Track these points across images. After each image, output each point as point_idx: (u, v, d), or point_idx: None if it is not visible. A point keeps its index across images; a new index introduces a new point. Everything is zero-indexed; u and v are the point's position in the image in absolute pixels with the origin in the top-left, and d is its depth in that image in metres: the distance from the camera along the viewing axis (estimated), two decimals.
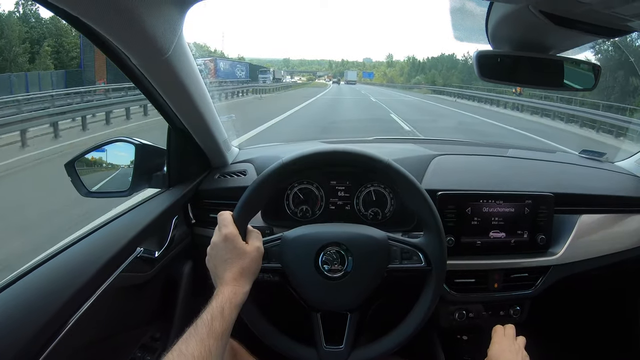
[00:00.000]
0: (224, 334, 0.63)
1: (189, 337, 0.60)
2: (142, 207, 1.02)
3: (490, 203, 1.04)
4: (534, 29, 0.84)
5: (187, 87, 0.87)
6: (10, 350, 0.60)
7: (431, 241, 0.82)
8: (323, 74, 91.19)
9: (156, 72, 0.79)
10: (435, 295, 0.82)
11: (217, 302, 0.66)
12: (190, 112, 0.96)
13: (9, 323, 0.62)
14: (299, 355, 0.82)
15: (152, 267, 0.96)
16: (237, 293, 0.69)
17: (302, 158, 0.83)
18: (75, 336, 0.69)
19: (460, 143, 1.41)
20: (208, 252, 0.77)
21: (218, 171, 1.19)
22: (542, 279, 1.06)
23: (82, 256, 0.80)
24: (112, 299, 0.83)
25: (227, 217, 0.77)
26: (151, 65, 0.76)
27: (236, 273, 0.72)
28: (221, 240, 0.74)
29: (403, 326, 0.82)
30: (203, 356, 0.58)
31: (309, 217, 1.12)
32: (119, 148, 1.08)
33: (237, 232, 0.75)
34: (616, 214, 1.12)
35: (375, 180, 1.10)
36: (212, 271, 0.76)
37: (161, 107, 0.93)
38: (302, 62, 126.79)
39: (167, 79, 0.82)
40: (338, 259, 0.80)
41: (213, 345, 0.60)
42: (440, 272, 0.82)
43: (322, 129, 10.07)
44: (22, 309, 0.65)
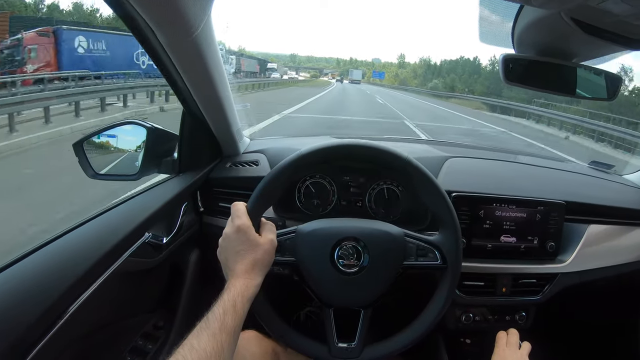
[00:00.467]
0: (236, 329, 0.62)
1: (201, 332, 0.59)
2: (152, 191, 1.00)
3: (503, 207, 1.04)
4: (562, 35, 0.83)
5: (209, 70, 0.85)
6: (13, 330, 0.58)
7: (447, 239, 0.82)
8: (330, 72, 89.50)
9: (180, 51, 0.77)
10: (449, 293, 0.81)
11: (228, 295, 0.65)
12: (209, 96, 0.94)
13: (14, 302, 0.61)
14: (310, 351, 0.81)
15: (159, 253, 0.94)
16: (249, 286, 0.68)
17: (320, 150, 0.82)
18: (78, 320, 0.68)
19: (471, 147, 1.41)
20: (220, 244, 0.75)
21: (229, 160, 1.17)
22: (549, 285, 1.06)
23: (90, 237, 0.79)
24: (118, 284, 0.81)
25: (240, 208, 0.75)
26: (177, 43, 0.74)
27: (248, 265, 0.70)
28: (234, 231, 0.72)
29: (416, 324, 0.82)
30: (216, 351, 0.56)
31: (320, 211, 1.11)
32: (130, 131, 1.05)
33: (250, 224, 0.73)
34: (623, 225, 1.13)
35: (389, 178, 1.09)
36: (223, 263, 0.74)
37: (179, 89, 0.91)
38: (309, 59, 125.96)
39: (190, 59, 0.80)
40: (354, 254, 0.79)
41: (225, 341, 0.59)
42: (456, 270, 0.82)
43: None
44: (28, 289, 0.63)
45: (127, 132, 1.06)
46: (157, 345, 0.99)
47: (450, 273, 0.81)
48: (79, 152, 1.01)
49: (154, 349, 0.98)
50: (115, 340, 0.92)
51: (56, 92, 8.71)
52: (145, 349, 0.97)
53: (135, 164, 1.04)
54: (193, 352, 0.55)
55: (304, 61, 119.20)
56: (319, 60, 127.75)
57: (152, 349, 0.98)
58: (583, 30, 0.77)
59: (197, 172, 1.09)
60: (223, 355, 0.57)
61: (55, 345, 0.64)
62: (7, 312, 0.59)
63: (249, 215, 0.75)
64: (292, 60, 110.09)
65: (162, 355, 0.97)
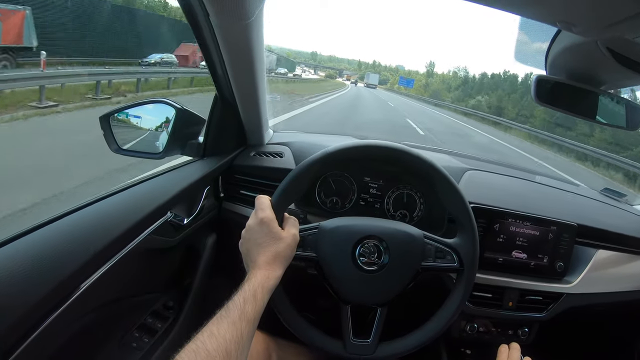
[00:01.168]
0: (255, 318, 0.63)
1: (221, 319, 0.59)
2: (176, 172, 1.01)
3: (518, 223, 1.05)
4: (595, 63, 0.86)
5: (253, 58, 0.86)
6: (29, 299, 0.58)
7: (465, 242, 0.83)
8: (350, 73, 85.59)
9: (230, 36, 0.78)
10: (464, 296, 0.83)
11: (249, 285, 0.66)
12: (246, 84, 0.95)
13: (35, 268, 0.61)
14: (325, 346, 0.82)
15: (179, 233, 0.95)
16: (269, 277, 0.69)
17: (347, 149, 0.83)
18: (93, 293, 0.68)
19: (489, 161, 1.43)
20: (242, 235, 0.76)
21: (254, 149, 1.18)
22: (554, 304, 1.08)
23: (114, 211, 0.79)
24: (135, 261, 0.82)
25: (264, 201, 0.76)
26: (229, 27, 0.75)
27: (270, 257, 0.71)
28: (257, 223, 0.73)
29: (431, 324, 0.83)
30: (235, 339, 0.57)
31: (338, 209, 1.12)
32: (158, 110, 1.06)
33: (274, 217, 0.74)
34: (631, 254, 1.14)
35: (409, 183, 1.11)
36: (244, 254, 0.75)
37: (217, 73, 0.92)
38: (331, 58, 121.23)
39: (238, 45, 0.81)
40: (375, 252, 0.81)
41: (245, 329, 0.59)
42: (472, 273, 0.83)
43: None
44: (47, 259, 0.63)
45: (155, 110, 1.06)
46: (166, 324, 0.99)
47: (466, 276, 0.83)
48: (104, 126, 1.01)
49: (162, 328, 0.98)
50: (124, 316, 0.93)
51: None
52: (154, 328, 0.98)
53: (160, 143, 1.04)
54: (212, 339, 0.55)
55: (326, 60, 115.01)
56: (341, 60, 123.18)
57: (161, 328, 0.98)
58: (616, 60, 0.80)
59: (222, 158, 1.10)
60: (242, 343, 0.58)
61: (67, 317, 0.64)
62: (23, 279, 0.59)
63: (273, 208, 0.76)
64: (313, 58, 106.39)
65: (170, 335, 0.98)
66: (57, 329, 0.63)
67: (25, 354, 0.57)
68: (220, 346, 0.55)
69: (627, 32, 0.61)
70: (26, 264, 0.60)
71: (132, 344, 0.93)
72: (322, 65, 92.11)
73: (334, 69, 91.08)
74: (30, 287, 0.59)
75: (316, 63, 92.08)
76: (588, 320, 1.31)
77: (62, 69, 8.10)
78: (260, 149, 1.18)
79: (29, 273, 0.59)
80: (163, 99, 1.06)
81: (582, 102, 0.99)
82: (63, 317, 0.63)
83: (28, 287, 0.58)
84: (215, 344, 0.55)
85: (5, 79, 6.26)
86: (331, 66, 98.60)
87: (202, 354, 0.53)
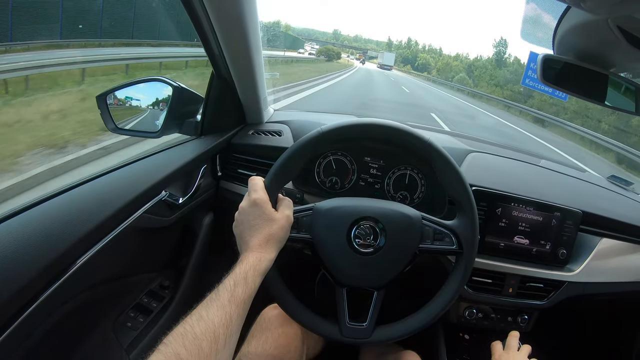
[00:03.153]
0: (245, 301, 0.62)
1: (210, 303, 0.58)
2: (172, 150, 1.00)
3: (521, 208, 1.03)
4: (605, 43, 0.82)
5: (247, 34, 0.84)
6: (22, 275, 0.58)
7: (464, 224, 0.81)
8: (375, 55, 75.81)
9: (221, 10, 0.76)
10: (463, 279, 0.81)
11: (240, 268, 0.64)
12: (241, 61, 0.93)
13: (25, 247, 0.60)
14: (320, 329, 0.81)
15: (174, 213, 0.94)
16: (262, 260, 0.67)
17: (341, 128, 0.81)
18: (87, 272, 0.68)
19: (493, 144, 1.39)
20: (235, 218, 0.74)
21: (252, 127, 1.16)
22: (555, 292, 1.06)
23: (108, 189, 0.78)
24: (129, 240, 0.81)
25: (257, 183, 0.75)
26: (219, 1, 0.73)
27: (262, 239, 0.70)
28: (250, 205, 0.72)
29: (427, 309, 0.82)
30: (224, 322, 0.56)
31: (337, 189, 1.10)
32: (155, 88, 1.04)
33: (267, 198, 0.73)
34: (635, 244, 1.12)
35: (410, 164, 1.08)
36: (238, 237, 0.74)
37: (212, 51, 0.91)
38: (356, 39, 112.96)
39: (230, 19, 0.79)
40: (371, 234, 0.79)
41: (234, 312, 0.58)
42: (470, 256, 0.81)
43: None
44: (42, 235, 0.63)
45: (152, 89, 1.04)
46: (162, 304, 0.99)
47: (464, 259, 0.81)
48: (101, 105, 1.00)
49: (157, 308, 0.98)
50: (120, 296, 0.93)
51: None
52: (149, 307, 0.98)
53: (156, 122, 1.03)
54: (201, 322, 0.55)
55: (350, 40, 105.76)
56: (367, 41, 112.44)
57: (156, 308, 0.98)
58: (628, 40, 0.76)
59: (219, 136, 1.08)
60: (231, 326, 0.57)
61: (61, 295, 0.64)
62: (17, 257, 0.59)
63: (266, 190, 0.74)
64: (335, 38, 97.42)
65: (165, 314, 0.98)
66: (51, 307, 0.63)
67: (17, 331, 0.57)
68: (208, 329, 0.54)
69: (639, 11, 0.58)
70: (19, 241, 0.60)
71: (127, 323, 0.93)
72: (347, 45, 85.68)
73: (357, 49, 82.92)
74: (23, 264, 0.58)
75: (340, 42, 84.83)
76: (588, 309, 1.29)
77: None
78: (259, 128, 1.16)
79: (22, 251, 0.59)
80: (160, 77, 1.04)
81: (590, 84, 0.95)
82: (56, 295, 0.63)
83: (21, 265, 0.58)
84: (203, 327, 0.54)
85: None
86: (357, 46, 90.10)
87: (190, 337, 0.52)
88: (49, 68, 5.86)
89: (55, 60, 6.24)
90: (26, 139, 3.53)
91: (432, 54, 72.97)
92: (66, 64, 6.41)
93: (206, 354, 0.52)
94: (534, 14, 0.92)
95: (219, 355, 0.54)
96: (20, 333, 0.58)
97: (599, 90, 0.96)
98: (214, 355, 0.53)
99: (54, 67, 6.01)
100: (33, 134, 3.66)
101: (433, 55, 72.08)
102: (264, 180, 0.76)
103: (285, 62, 22.11)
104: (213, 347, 0.53)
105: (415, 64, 69.62)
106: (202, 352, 0.51)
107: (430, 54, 72.97)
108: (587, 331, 1.43)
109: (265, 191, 0.74)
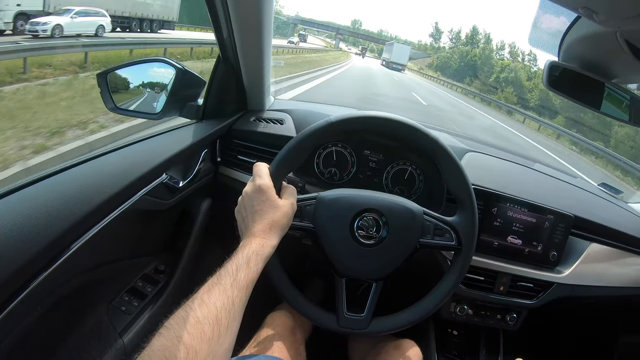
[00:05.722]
0: (248, 286, 0.61)
1: (212, 286, 0.58)
2: (173, 133, 0.98)
3: (516, 208, 1.05)
4: (611, 55, 0.84)
5: (261, 21, 0.83)
6: (20, 256, 0.57)
7: (465, 222, 0.83)
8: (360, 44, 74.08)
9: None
10: (460, 275, 0.83)
11: (243, 253, 0.64)
12: (251, 47, 0.92)
13: (25, 226, 0.59)
14: (318, 318, 0.81)
15: (174, 196, 0.93)
16: (264, 245, 0.67)
17: (350, 120, 0.81)
18: (84, 253, 0.67)
19: (490, 145, 1.41)
20: (239, 202, 0.74)
21: (254, 114, 1.15)
22: (544, 292, 1.09)
23: (109, 170, 0.77)
24: (128, 222, 0.80)
25: (263, 169, 0.75)
26: None
27: (266, 225, 0.70)
28: (254, 190, 0.72)
29: (425, 301, 0.83)
30: (226, 307, 0.56)
31: (336, 180, 1.10)
32: (158, 69, 1.02)
33: (271, 184, 0.73)
34: (622, 250, 1.15)
35: (410, 160, 1.09)
36: (240, 222, 0.73)
37: (222, 35, 0.89)
38: (380, 34, 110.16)
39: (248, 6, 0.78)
40: (374, 226, 0.80)
41: (237, 296, 0.58)
42: (469, 253, 0.83)
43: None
44: (42, 213, 0.61)
45: (155, 70, 1.03)
46: (157, 288, 0.99)
47: (463, 255, 0.83)
48: (102, 83, 0.98)
49: (152, 292, 0.98)
50: (115, 279, 0.92)
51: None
52: (144, 292, 0.97)
53: (158, 104, 1.01)
54: (203, 306, 0.54)
55: (374, 35, 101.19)
56: (391, 39, 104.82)
57: (151, 292, 0.98)
58: (634, 54, 0.77)
59: (220, 121, 1.07)
60: (233, 310, 0.57)
61: (57, 277, 0.63)
62: (15, 235, 0.57)
63: (271, 176, 0.74)
64: (354, 30, 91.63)
65: (160, 299, 0.97)
66: (47, 289, 0.62)
67: (13, 314, 0.56)
68: (210, 313, 0.54)
69: None
70: (16, 221, 0.58)
71: (121, 307, 0.92)
72: (359, 34, 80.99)
73: (372, 39, 78.22)
74: (20, 245, 0.57)
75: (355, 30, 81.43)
76: (576, 311, 1.33)
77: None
78: (261, 115, 1.15)
79: (19, 230, 0.58)
80: (163, 57, 1.02)
81: (588, 91, 0.97)
82: (53, 278, 0.62)
83: (17, 245, 0.57)
84: (205, 311, 0.54)
85: None
86: (373, 36, 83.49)
87: (192, 321, 0.52)
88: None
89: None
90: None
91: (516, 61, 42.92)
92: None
93: (208, 337, 0.52)
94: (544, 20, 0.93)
95: (221, 340, 0.54)
96: (15, 315, 0.57)
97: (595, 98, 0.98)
98: (217, 339, 0.53)
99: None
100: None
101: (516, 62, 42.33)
102: (269, 166, 0.77)
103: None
104: (215, 331, 0.53)
105: (491, 77, 40.12)
106: (204, 336, 0.51)
107: (516, 62, 43.63)
108: (573, 331, 1.47)
109: (270, 177, 0.74)
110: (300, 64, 15.68)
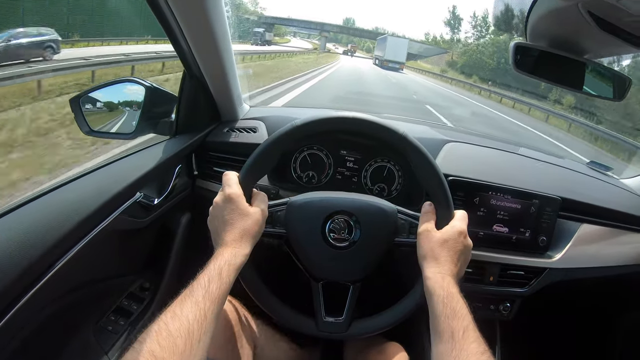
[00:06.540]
0: (220, 297, 0.61)
1: (184, 299, 0.58)
2: (146, 151, 0.99)
3: (499, 196, 1.03)
4: (577, 29, 0.82)
5: (214, 31, 0.83)
6: (0, 280, 0.57)
7: (440, 216, 0.80)
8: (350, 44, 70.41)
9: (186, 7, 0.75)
10: None
11: (215, 264, 0.64)
12: (211, 58, 0.92)
13: (3, 252, 0.59)
14: (296, 324, 0.81)
15: (149, 214, 0.94)
16: (236, 255, 0.67)
17: (314, 122, 0.80)
18: (64, 276, 0.67)
19: (471, 133, 1.39)
20: (210, 212, 0.75)
21: (227, 125, 1.16)
22: (536, 279, 1.07)
23: (82, 193, 0.78)
24: (106, 243, 0.80)
25: (231, 177, 0.75)
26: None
27: (237, 234, 0.70)
28: (224, 200, 0.72)
29: (405, 302, 0.81)
30: (198, 319, 0.56)
31: (314, 183, 1.10)
32: (129, 89, 1.04)
33: (241, 193, 0.73)
34: (615, 229, 1.12)
35: (387, 156, 1.08)
36: (213, 232, 0.74)
37: (181, 49, 0.90)
38: (375, 31, 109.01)
39: (195, 16, 0.78)
40: (346, 228, 0.79)
41: (209, 308, 0.58)
42: None
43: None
44: (16, 241, 0.62)
45: (126, 90, 1.04)
46: (142, 306, 0.99)
47: None
48: (75, 108, 0.99)
49: (138, 310, 0.98)
50: (100, 299, 0.93)
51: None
52: (130, 310, 0.98)
53: (131, 123, 1.02)
54: (175, 319, 0.55)
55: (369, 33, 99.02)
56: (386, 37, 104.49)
57: (137, 310, 0.98)
58: (599, 26, 0.75)
59: (194, 135, 1.07)
60: (206, 322, 0.57)
61: (38, 301, 0.63)
62: None
63: (240, 184, 0.74)
64: (345, 28, 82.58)
65: (145, 316, 0.98)
66: (29, 313, 0.63)
67: None
68: (182, 326, 0.54)
69: None
70: None
71: (108, 327, 0.93)
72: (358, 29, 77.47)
73: (363, 36, 73.38)
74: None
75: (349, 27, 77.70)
76: (571, 296, 1.30)
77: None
78: (234, 125, 1.16)
79: None
80: (133, 77, 1.04)
81: (567, 72, 0.95)
82: (34, 301, 0.62)
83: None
84: (177, 324, 0.54)
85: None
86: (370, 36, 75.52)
87: (164, 334, 0.53)
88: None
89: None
90: None
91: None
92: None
93: (181, 350, 0.52)
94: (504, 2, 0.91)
95: (194, 352, 0.54)
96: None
97: (576, 78, 0.96)
98: (189, 352, 0.53)
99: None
100: None
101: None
102: (238, 175, 0.76)
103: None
104: (187, 343, 0.53)
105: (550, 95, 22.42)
106: (176, 349, 0.52)
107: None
108: (571, 318, 1.44)
109: (239, 186, 0.74)
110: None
